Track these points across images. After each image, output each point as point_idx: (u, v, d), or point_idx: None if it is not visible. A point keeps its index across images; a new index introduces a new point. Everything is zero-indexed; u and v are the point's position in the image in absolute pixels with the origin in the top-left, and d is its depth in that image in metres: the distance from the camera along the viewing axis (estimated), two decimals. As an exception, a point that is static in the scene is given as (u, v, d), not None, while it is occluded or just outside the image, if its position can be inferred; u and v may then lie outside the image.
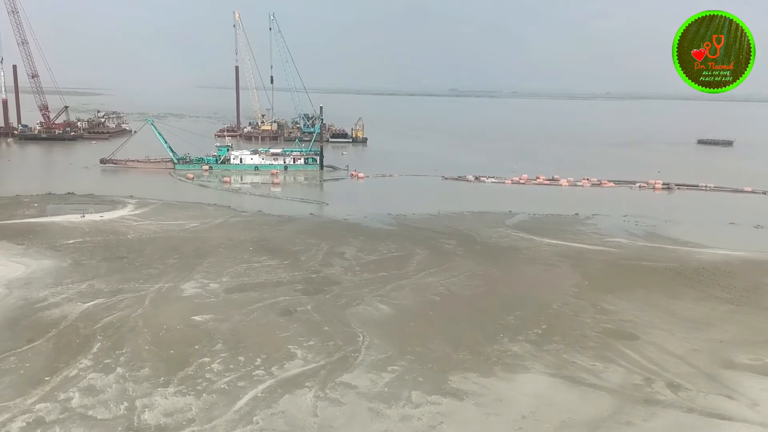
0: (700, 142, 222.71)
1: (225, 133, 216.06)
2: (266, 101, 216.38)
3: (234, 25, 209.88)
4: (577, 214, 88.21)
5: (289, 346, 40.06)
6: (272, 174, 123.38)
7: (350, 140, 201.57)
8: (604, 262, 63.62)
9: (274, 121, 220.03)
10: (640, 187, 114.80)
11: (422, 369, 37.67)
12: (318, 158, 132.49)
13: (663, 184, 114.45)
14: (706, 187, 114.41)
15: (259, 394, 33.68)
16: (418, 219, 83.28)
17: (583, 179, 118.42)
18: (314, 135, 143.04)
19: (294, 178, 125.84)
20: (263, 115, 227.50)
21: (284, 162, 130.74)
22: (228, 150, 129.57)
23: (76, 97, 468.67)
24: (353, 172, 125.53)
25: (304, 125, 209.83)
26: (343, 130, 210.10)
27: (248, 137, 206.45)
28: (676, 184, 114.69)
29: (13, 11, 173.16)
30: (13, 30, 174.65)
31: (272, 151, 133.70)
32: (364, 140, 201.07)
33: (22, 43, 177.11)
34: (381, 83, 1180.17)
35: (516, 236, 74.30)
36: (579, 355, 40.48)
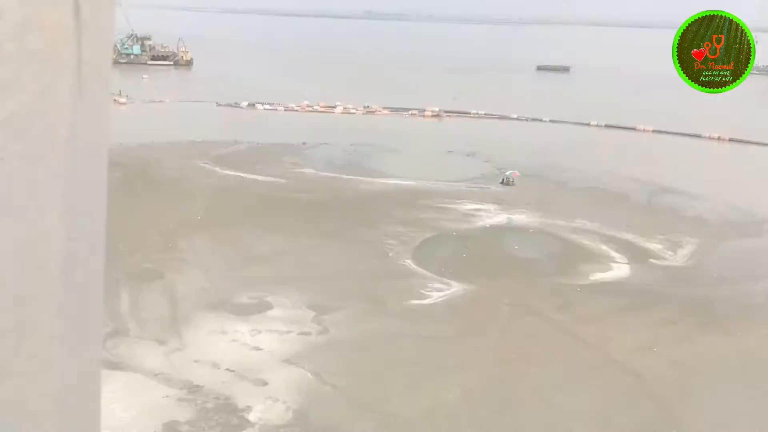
0: (539, 68, 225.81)
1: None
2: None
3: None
4: (305, 143, 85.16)
5: None
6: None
7: (171, 63, 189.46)
8: (254, 195, 60.87)
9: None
10: (411, 114, 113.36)
11: None
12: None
13: (432, 112, 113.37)
14: (476, 114, 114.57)
15: None
16: (120, 149, 77.09)
17: (360, 107, 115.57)
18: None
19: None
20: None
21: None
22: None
23: None
24: (116, 98, 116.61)
25: (122, 46, 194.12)
26: (171, 52, 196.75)
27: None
28: (446, 112, 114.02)
29: None
30: None
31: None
32: (188, 63, 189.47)
33: None
34: (282, 2, 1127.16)
35: (201, 167, 70.32)
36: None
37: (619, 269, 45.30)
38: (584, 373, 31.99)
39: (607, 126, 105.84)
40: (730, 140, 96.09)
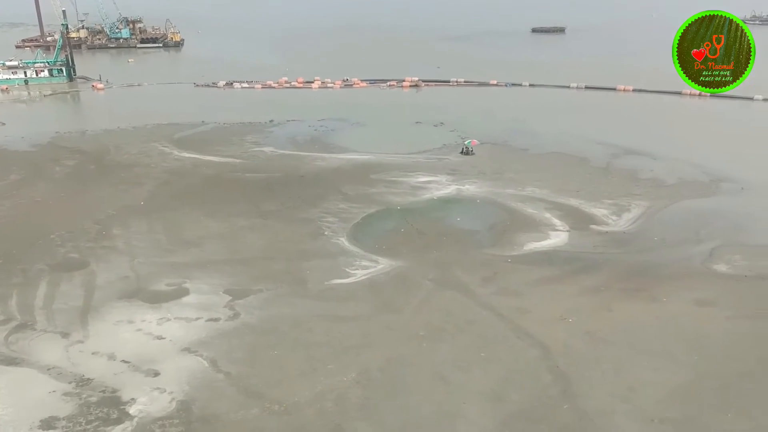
0: (534, 30, 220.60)
1: (25, 44, 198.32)
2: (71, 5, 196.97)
3: None
4: (272, 120, 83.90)
5: None
6: (1, 90, 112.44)
7: (160, 45, 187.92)
8: (204, 177, 60.01)
9: (83, 27, 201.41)
10: (389, 86, 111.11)
11: None
12: (65, 69, 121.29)
13: (411, 82, 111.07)
14: (456, 82, 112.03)
15: None
16: (84, 136, 76.92)
17: (337, 81, 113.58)
18: (58, 43, 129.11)
19: (39, 92, 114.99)
20: (81, 21, 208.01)
21: (25, 75, 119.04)
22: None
23: None
24: (94, 83, 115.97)
25: (111, 30, 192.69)
26: (161, 34, 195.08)
27: (47, 47, 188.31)
28: (424, 81, 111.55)
29: None
30: None
31: (8, 63, 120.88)
32: (178, 45, 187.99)
33: None
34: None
35: (159, 151, 69.34)
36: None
37: (557, 237, 43.97)
38: (490, 348, 31.06)
39: (587, 87, 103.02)
40: (712, 96, 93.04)
